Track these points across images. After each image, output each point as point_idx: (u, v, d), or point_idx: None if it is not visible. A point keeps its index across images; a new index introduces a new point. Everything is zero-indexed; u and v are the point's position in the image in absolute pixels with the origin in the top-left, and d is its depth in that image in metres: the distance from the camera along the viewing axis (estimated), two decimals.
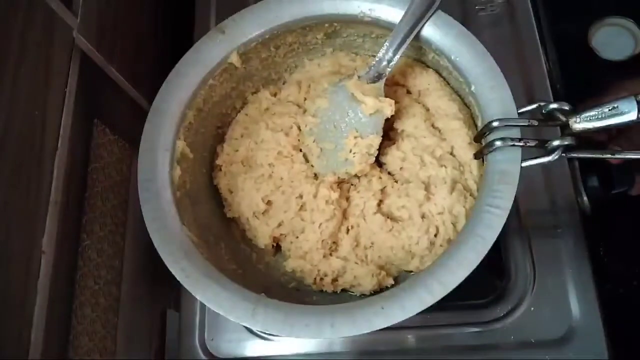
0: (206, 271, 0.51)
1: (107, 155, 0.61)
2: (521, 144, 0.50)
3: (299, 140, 0.63)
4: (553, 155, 0.49)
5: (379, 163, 0.62)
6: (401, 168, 0.61)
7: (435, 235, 0.57)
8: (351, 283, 0.58)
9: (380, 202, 0.60)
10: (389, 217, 0.59)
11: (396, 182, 0.61)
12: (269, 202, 0.61)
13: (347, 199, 0.61)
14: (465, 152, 0.59)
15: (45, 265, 0.48)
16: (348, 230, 0.60)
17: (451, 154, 0.60)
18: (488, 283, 0.63)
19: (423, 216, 0.57)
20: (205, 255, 0.53)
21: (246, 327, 0.64)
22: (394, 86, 0.64)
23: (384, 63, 0.58)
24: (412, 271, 0.59)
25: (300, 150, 0.63)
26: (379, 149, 0.59)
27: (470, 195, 0.57)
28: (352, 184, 0.62)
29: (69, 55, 0.54)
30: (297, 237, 0.60)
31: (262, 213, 0.61)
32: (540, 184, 0.66)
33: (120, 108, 0.65)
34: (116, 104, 0.64)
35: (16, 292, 0.45)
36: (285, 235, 0.61)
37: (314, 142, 0.61)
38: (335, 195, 0.59)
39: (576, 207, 0.65)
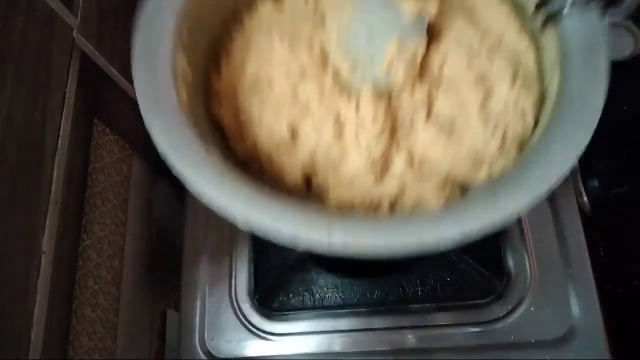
0: (257, 189, 0.43)
1: (107, 155, 0.61)
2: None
3: (324, 55, 0.53)
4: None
5: None
6: (443, 67, 0.52)
7: (504, 136, 0.49)
8: (413, 205, 0.49)
9: (429, 110, 0.51)
10: (444, 125, 0.51)
11: (441, 85, 0.53)
12: (294, 131, 0.51)
13: (390, 112, 0.52)
14: (518, 39, 0.52)
15: (45, 265, 0.48)
16: (398, 147, 0.51)
17: (501, 42, 0.52)
18: (488, 283, 0.63)
19: (485, 118, 0.50)
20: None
21: (246, 327, 0.64)
22: None
23: None
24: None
25: (326, 67, 0.53)
26: None
27: (534, 85, 0.51)
28: (392, 96, 0.52)
29: (69, 55, 0.54)
30: (338, 165, 0.50)
31: (288, 144, 0.51)
32: None
33: (121, 108, 0.65)
34: (116, 104, 0.64)
35: (16, 292, 0.45)
36: (321, 167, 0.51)
37: (343, 56, 0.52)
38: (381, 105, 0.50)
39: (576, 207, 0.65)
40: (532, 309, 0.62)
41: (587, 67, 0.44)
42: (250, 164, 0.52)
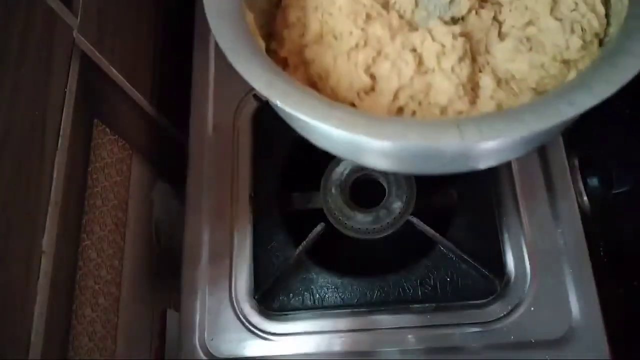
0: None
1: (107, 155, 0.61)
2: None
3: None
4: None
5: None
6: None
7: (583, 32, 0.50)
8: None
9: (500, 28, 0.52)
10: (520, 38, 0.51)
11: (501, 4, 0.53)
12: (372, 76, 0.50)
13: (466, 36, 0.52)
14: None
15: (45, 265, 0.48)
16: (481, 69, 0.51)
17: None
18: (488, 283, 0.63)
19: (558, 19, 0.50)
20: None
21: (246, 327, 0.64)
22: None
23: None
24: None
25: (389, 8, 0.53)
26: None
27: None
28: (459, 23, 0.53)
29: (69, 55, 0.54)
30: (425, 97, 0.50)
31: (369, 89, 0.51)
32: (541, 183, 0.66)
33: (121, 108, 0.66)
34: (116, 104, 0.64)
35: (16, 292, 0.45)
36: (406, 105, 0.50)
37: None
38: (457, 27, 0.50)
39: (576, 207, 0.65)
40: (532, 309, 0.62)
41: None
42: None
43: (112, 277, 0.61)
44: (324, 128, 0.40)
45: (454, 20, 0.53)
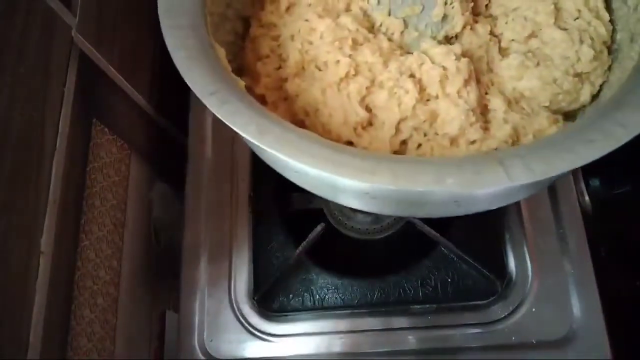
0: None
1: (105, 155, 0.61)
2: None
3: (369, 22, 0.48)
4: None
5: None
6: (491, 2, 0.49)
7: (592, 41, 0.46)
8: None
9: (500, 43, 0.48)
10: (524, 51, 0.47)
11: (499, 13, 0.49)
12: (368, 108, 0.45)
13: (466, 55, 0.47)
14: None
15: (44, 266, 0.47)
16: (487, 91, 0.46)
17: None
18: (489, 284, 0.63)
19: (563, 29, 0.46)
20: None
21: (246, 328, 0.64)
22: None
23: None
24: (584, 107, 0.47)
25: (375, 32, 0.48)
26: None
27: None
28: (452, 38, 0.49)
29: (68, 55, 0.53)
30: (432, 127, 0.44)
31: (367, 124, 0.45)
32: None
33: (119, 108, 0.65)
34: (115, 104, 0.64)
35: (15, 293, 0.45)
36: (412, 136, 0.45)
37: (389, 15, 0.47)
38: (458, 48, 0.45)
39: (578, 207, 0.65)
40: (534, 309, 0.62)
41: None
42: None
43: (111, 277, 0.60)
44: (345, 181, 0.35)
45: (448, 39, 0.48)
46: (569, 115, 0.48)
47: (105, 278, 0.59)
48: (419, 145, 0.44)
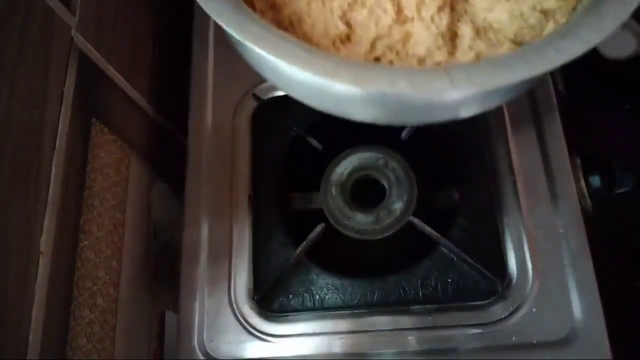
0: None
1: (105, 155, 0.61)
2: None
3: None
4: None
5: None
6: None
7: None
8: None
9: None
10: None
11: None
12: (349, 24, 0.49)
13: None
14: None
15: (43, 266, 0.47)
16: (459, 19, 0.50)
17: None
18: (489, 284, 0.63)
19: None
20: None
21: (246, 328, 0.64)
22: None
23: None
24: None
25: None
26: None
27: None
28: None
29: (67, 54, 0.53)
30: (403, 47, 0.49)
31: (345, 38, 0.49)
32: (542, 183, 0.66)
33: (119, 107, 0.65)
34: (114, 104, 0.64)
35: (14, 293, 0.44)
36: (384, 55, 0.49)
37: None
38: None
39: (578, 207, 0.65)
40: (534, 310, 0.61)
41: None
42: None
43: (111, 278, 0.60)
44: (304, 76, 0.40)
45: None
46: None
47: (104, 278, 0.59)
48: (391, 62, 0.48)
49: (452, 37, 0.49)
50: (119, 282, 0.62)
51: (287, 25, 0.50)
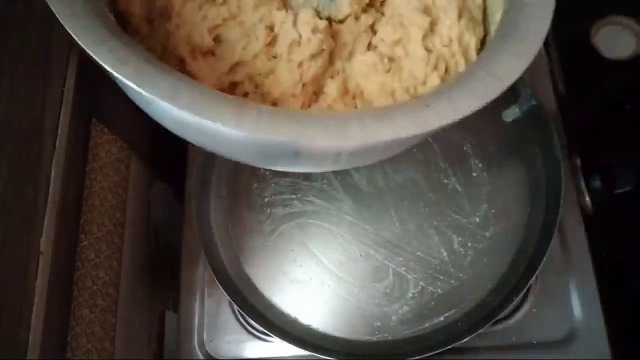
0: (148, 57, 0.37)
1: (105, 155, 0.61)
2: None
3: None
4: None
5: None
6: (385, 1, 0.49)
7: (446, 72, 0.46)
8: None
9: (371, 39, 0.48)
10: (384, 54, 0.47)
11: (384, 14, 0.49)
12: (217, 38, 0.45)
13: (333, 37, 0.47)
14: None
15: (43, 266, 0.47)
16: (333, 75, 0.47)
17: None
18: None
19: (427, 49, 0.46)
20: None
21: (246, 328, 0.63)
22: None
23: None
24: None
25: None
26: None
27: (479, 25, 0.48)
28: (334, 21, 0.48)
29: (67, 54, 0.53)
30: (263, 81, 0.45)
31: (206, 53, 0.45)
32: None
33: (119, 108, 0.65)
34: (114, 104, 0.64)
35: (14, 293, 0.44)
36: (240, 86, 0.45)
37: None
38: (322, 23, 0.45)
39: (578, 208, 0.65)
40: (534, 310, 0.61)
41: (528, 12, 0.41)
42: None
43: (111, 278, 0.60)
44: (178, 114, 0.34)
45: (330, 19, 0.48)
46: None
47: (104, 278, 0.59)
48: (246, 93, 0.45)
49: (317, 90, 0.46)
50: (119, 282, 0.62)
51: (155, 15, 0.45)
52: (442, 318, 0.61)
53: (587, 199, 0.64)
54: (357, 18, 0.47)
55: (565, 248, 0.63)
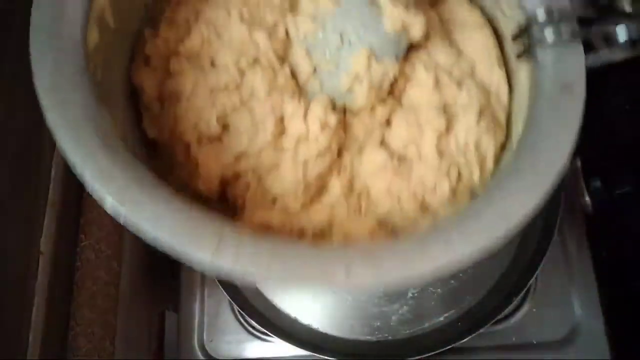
0: (137, 175, 0.35)
1: None
2: (581, 35, 0.38)
3: (284, 48, 0.45)
4: (624, 48, 0.39)
5: None
6: (407, 89, 0.46)
7: (457, 181, 0.43)
8: (340, 242, 0.42)
9: (384, 135, 0.45)
10: (395, 153, 0.44)
11: (401, 106, 0.46)
12: (225, 125, 0.43)
13: (345, 129, 0.45)
14: (491, 71, 0.45)
15: (43, 266, 0.47)
16: (339, 171, 0.44)
17: (472, 75, 0.46)
18: None
19: (440, 153, 0.43)
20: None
21: (246, 328, 0.63)
22: None
23: None
24: None
25: (285, 62, 0.45)
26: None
27: (500, 128, 0.44)
28: (347, 113, 0.46)
29: None
30: (266, 176, 0.43)
31: (212, 139, 0.43)
32: None
33: None
34: None
35: (14, 293, 0.44)
36: (243, 177, 0.43)
37: (306, 55, 0.44)
38: (333, 118, 0.43)
39: (579, 208, 0.65)
40: (534, 310, 0.61)
41: (557, 115, 0.39)
42: (163, 151, 0.44)
43: (111, 278, 0.60)
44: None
45: (344, 110, 0.46)
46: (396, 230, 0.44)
47: (105, 278, 0.59)
48: (248, 185, 0.43)
49: (320, 186, 0.43)
50: (119, 282, 0.62)
51: (165, 95, 0.44)
52: (442, 318, 0.61)
53: (587, 199, 0.64)
54: (372, 109, 0.45)
55: (565, 248, 0.63)
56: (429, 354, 0.56)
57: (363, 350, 0.61)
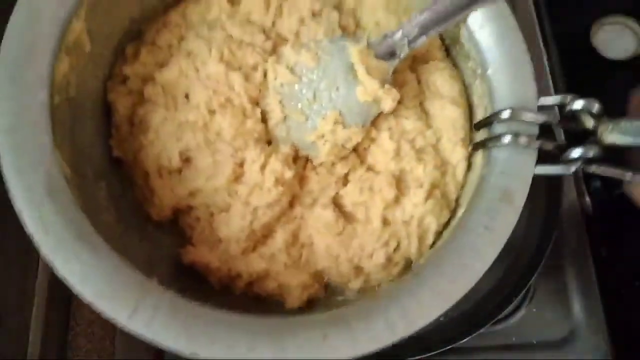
0: (76, 226, 0.35)
1: None
2: (537, 144, 0.40)
3: (260, 90, 0.46)
4: (571, 165, 0.39)
5: None
6: (367, 152, 0.47)
7: (395, 251, 0.45)
8: (272, 292, 0.44)
9: (337, 195, 0.46)
10: (342, 213, 0.46)
11: (362, 163, 0.47)
12: (187, 159, 0.45)
13: (301, 181, 0.46)
14: (454, 149, 0.46)
15: (43, 266, 0.47)
16: (288, 220, 0.46)
17: (435, 147, 0.47)
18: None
19: (385, 222, 0.45)
20: (77, 199, 0.36)
21: None
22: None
23: (404, 40, 0.44)
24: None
25: (258, 105, 0.46)
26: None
27: (447, 207, 0.46)
28: (307, 166, 0.47)
29: None
30: (214, 217, 0.45)
31: (172, 172, 0.45)
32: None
33: None
34: None
35: (15, 293, 0.44)
36: (195, 210, 0.45)
37: (279, 102, 0.45)
38: (289, 173, 0.44)
39: (579, 208, 0.65)
40: (534, 310, 0.61)
41: (489, 224, 0.40)
42: (127, 170, 0.46)
43: None
44: None
45: (304, 162, 0.47)
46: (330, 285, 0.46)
47: None
48: (198, 219, 0.45)
49: (266, 234, 0.45)
50: None
51: (136, 120, 0.46)
52: (442, 318, 0.61)
53: (587, 198, 0.64)
54: (333, 165, 0.46)
55: (565, 248, 0.63)
56: (429, 354, 0.56)
57: None
